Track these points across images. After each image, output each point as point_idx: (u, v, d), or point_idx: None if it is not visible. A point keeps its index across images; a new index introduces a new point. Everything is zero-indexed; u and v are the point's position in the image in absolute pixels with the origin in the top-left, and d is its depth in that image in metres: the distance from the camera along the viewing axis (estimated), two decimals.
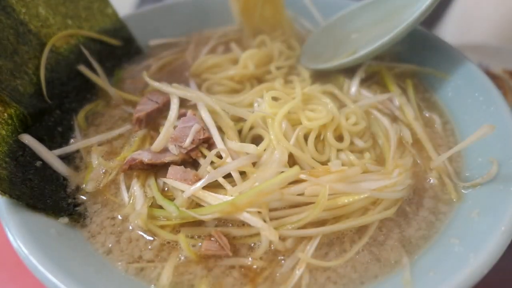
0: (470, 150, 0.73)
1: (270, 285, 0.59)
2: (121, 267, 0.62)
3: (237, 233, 0.63)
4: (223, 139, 0.71)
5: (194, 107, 0.77)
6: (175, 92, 0.77)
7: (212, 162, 0.68)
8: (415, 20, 0.76)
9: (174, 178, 0.66)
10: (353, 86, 0.85)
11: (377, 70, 0.90)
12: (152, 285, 0.60)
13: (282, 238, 0.61)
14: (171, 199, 0.66)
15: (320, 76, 0.89)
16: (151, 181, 0.69)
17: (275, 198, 0.61)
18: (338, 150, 0.72)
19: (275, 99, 0.74)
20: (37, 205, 0.64)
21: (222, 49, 1.00)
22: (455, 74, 0.84)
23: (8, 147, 0.66)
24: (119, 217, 0.68)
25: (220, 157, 0.68)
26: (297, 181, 0.63)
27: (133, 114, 0.79)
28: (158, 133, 0.73)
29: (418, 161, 0.74)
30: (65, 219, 0.66)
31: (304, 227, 0.61)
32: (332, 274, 0.60)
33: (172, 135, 0.71)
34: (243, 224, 0.63)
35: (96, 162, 0.74)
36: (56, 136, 0.78)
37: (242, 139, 0.73)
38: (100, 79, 0.86)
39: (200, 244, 0.62)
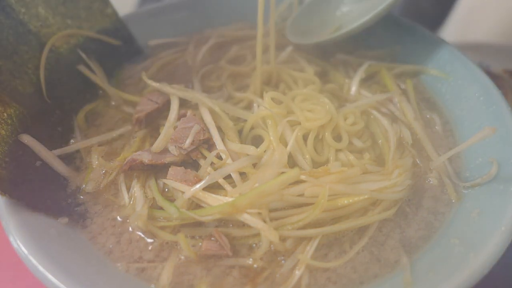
0: (470, 151, 0.73)
1: (270, 285, 0.59)
2: (121, 267, 0.62)
3: (237, 233, 0.63)
4: (223, 140, 0.70)
5: (194, 107, 0.77)
6: (175, 92, 0.77)
7: (212, 163, 0.68)
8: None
9: (174, 179, 0.66)
10: (353, 86, 0.85)
11: (377, 70, 0.90)
12: (152, 285, 0.60)
13: (282, 239, 0.61)
14: (171, 200, 0.66)
15: (320, 75, 0.89)
16: (151, 182, 0.69)
17: (275, 199, 0.61)
18: (337, 150, 0.72)
19: (274, 100, 0.74)
20: (37, 205, 0.64)
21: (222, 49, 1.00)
22: (456, 74, 0.84)
23: (8, 147, 0.66)
24: (119, 218, 0.68)
25: (220, 158, 0.68)
26: (297, 182, 0.63)
27: (133, 114, 0.79)
28: (158, 133, 0.73)
29: (418, 162, 0.74)
30: (65, 219, 0.66)
31: (304, 227, 0.61)
32: (332, 274, 0.60)
33: (172, 135, 0.71)
34: (243, 224, 0.63)
35: (96, 162, 0.74)
36: (56, 136, 0.77)
37: (242, 140, 0.73)
38: (99, 79, 0.86)
39: (200, 244, 0.62)
